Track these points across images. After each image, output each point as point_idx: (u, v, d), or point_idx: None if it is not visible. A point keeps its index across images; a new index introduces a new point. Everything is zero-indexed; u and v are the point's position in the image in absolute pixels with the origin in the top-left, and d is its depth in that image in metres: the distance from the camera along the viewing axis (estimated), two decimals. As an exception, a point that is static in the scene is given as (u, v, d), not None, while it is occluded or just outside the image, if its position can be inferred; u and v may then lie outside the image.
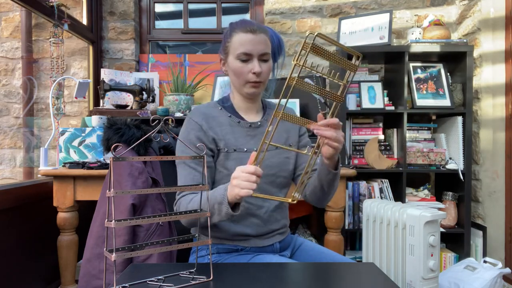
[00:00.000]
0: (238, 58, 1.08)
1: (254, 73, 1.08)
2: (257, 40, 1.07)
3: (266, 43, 1.09)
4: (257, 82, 1.10)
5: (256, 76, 1.08)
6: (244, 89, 1.12)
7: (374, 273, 0.91)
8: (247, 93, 1.13)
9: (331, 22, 2.59)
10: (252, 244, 1.13)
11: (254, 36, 1.07)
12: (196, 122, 1.12)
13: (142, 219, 0.77)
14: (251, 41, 1.07)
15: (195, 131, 1.11)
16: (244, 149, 1.13)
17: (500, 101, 2.17)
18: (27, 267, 1.69)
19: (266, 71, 1.10)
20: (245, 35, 1.07)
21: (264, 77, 1.10)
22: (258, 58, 1.08)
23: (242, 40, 1.07)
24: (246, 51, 1.07)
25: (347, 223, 2.13)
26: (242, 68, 1.09)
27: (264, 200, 1.13)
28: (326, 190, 1.12)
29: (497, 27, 2.19)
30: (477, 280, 1.69)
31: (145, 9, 2.70)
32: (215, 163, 1.12)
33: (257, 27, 1.08)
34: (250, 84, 1.10)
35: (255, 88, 1.11)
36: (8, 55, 2.52)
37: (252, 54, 1.07)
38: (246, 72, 1.09)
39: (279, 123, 1.23)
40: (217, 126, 1.13)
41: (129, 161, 1.28)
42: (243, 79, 1.10)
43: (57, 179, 1.64)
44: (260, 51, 1.07)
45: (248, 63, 1.08)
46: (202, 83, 2.50)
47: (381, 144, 2.25)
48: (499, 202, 2.16)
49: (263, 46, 1.08)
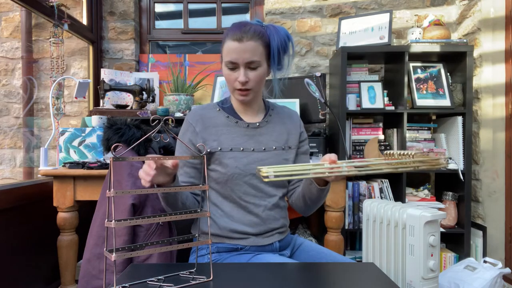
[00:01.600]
0: (226, 66, 1.10)
1: (239, 81, 1.09)
2: (243, 48, 1.06)
3: (253, 51, 1.06)
4: (243, 90, 1.10)
5: (241, 84, 1.09)
6: (234, 95, 1.15)
7: (374, 273, 0.91)
8: (237, 100, 1.15)
9: (331, 22, 2.59)
10: (251, 243, 1.13)
11: (239, 44, 1.05)
12: (190, 123, 1.15)
13: (142, 219, 0.77)
14: (236, 50, 1.06)
15: (188, 133, 1.15)
16: (241, 148, 1.14)
17: (500, 101, 2.17)
18: (27, 267, 1.69)
19: (254, 79, 1.09)
20: (232, 43, 1.06)
21: (251, 84, 1.10)
22: (245, 66, 1.08)
23: (229, 48, 1.07)
24: (232, 60, 1.07)
25: (347, 223, 2.13)
26: (229, 76, 1.10)
27: (261, 199, 1.14)
28: (309, 204, 1.15)
29: (497, 27, 2.19)
30: (477, 280, 1.69)
31: (145, 9, 2.70)
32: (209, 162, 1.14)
33: (245, 34, 1.06)
34: (237, 92, 1.12)
35: (243, 96, 1.12)
36: (8, 55, 2.52)
37: (237, 63, 1.08)
38: (233, 80, 1.10)
39: (280, 124, 1.24)
40: (212, 127, 1.15)
41: (129, 161, 1.28)
42: (231, 86, 1.12)
43: (57, 179, 1.64)
44: (245, 59, 1.07)
45: (235, 71, 1.09)
46: (202, 83, 2.50)
47: (381, 144, 2.25)
48: (499, 202, 2.16)
49: (249, 54, 1.06)
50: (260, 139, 1.17)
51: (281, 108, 1.28)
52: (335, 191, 1.74)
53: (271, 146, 1.17)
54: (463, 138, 2.15)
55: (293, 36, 2.60)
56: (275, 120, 1.22)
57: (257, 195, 1.14)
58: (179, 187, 0.89)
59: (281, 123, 1.23)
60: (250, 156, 1.13)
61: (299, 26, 2.60)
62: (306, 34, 2.59)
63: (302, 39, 2.59)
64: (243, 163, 1.12)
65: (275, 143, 1.18)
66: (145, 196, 1.35)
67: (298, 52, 2.58)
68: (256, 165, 1.13)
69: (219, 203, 1.15)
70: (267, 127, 1.20)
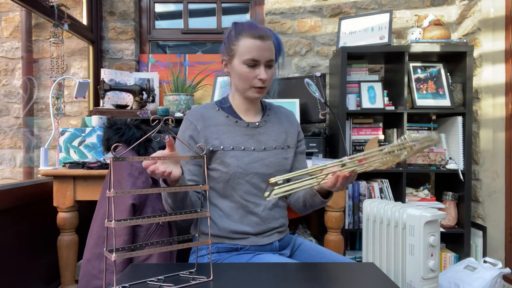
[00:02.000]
0: (245, 63, 1.10)
1: (260, 79, 1.10)
2: (265, 47, 1.09)
3: (272, 50, 1.11)
4: (262, 87, 1.13)
5: (262, 82, 1.11)
6: (248, 93, 1.15)
7: (374, 273, 0.91)
8: (251, 97, 1.16)
9: (331, 22, 2.59)
10: (251, 243, 1.13)
11: (262, 43, 1.09)
12: (191, 121, 1.15)
13: (142, 219, 0.77)
14: (259, 48, 1.08)
15: (189, 131, 1.15)
16: (242, 148, 1.14)
17: (500, 101, 2.17)
18: (27, 267, 1.69)
19: (270, 77, 1.13)
20: (254, 41, 1.08)
21: (268, 83, 1.14)
22: (265, 64, 1.11)
23: (250, 46, 1.09)
24: (255, 58, 1.09)
25: (347, 223, 2.13)
26: (248, 74, 1.11)
27: (262, 198, 1.15)
28: (308, 208, 1.18)
29: (497, 27, 2.19)
30: (477, 280, 1.69)
31: (145, 9, 2.70)
32: (210, 161, 1.14)
33: (265, 33, 1.10)
34: (255, 89, 1.13)
35: (259, 94, 1.14)
36: (8, 55, 2.52)
37: (259, 61, 1.10)
38: (252, 78, 1.11)
39: (278, 123, 1.24)
40: (213, 125, 1.15)
41: (129, 161, 1.28)
42: (249, 84, 1.12)
43: (57, 179, 1.64)
44: (267, 58, 1.10)
45: (254, 68, 1.10)
46: (202, 83, 2.50)
47: (381, 144, 2.25)
48: (499, 202, 2.16)
49: (270, 53, 1.10)
50: (260, 139, 1.17)
51: (277, 108, 1.29)
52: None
53: (270, 145, 1.18)
54: (463, 138, 2.15)
55: (293, 36, 2.60)
56: (273, 120, 1.23)
57: (258, 194, 1.15)
58: (179, 187, 0.89)
59: (279, 123, 1.24)
60: (251, 155, 1.14)
61: (299, 26, 2.60)
62: (306, 34, 2.59)
63: (302, 39, 2.59)
64: (244, 162, 1.12)
65: (274, 143, 1.19)
66: (145, 196, 1.35)
67: (298, 52, 2.58)
68: (257, 164, 1.14)
69: (218, 203, 1.15)
70: (266, 126, 1.21)
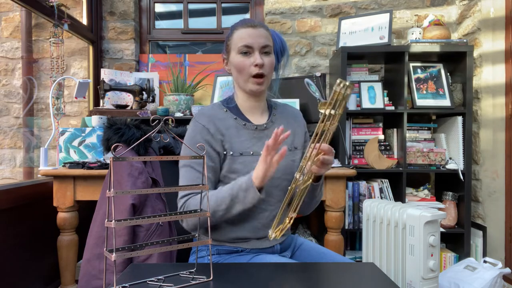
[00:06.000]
0: (239, 52, 1.08)
1: (256, 65, 1.07)
2: (257, 33, 1.08)
3: (267, 36, 1.10)
4: (259, 75, 1.08)
5: (258, 68, 1.07)
6: (248, 86, 1.11)
7: (374, 273, 0.91)
8: (251, 90, 1.11)
9: (331, 22, 2.59)
10: (252, 246, 1.12)
11: (254, 29, 1.08)
12: (203, 125, 1.10)
13: (142, 219, 0.77)
14: (251, 34, 1.08)
15: (203, 135, 1.09)
16: (251, 153, 1.11)
17: (500, 101, 2.17)
18: (27, 267, 1.69)
19: (268, 64, 1.09)
20: (245, 30, 1.08)
21: (266, 70, 1.09)
22: (260, 51, 1.08)
23: (242, 35, 1.08)
24: (247, 44, 1.07)
25: (347, 223, 2.13)
26: (243, 62, 1.08)
27: (268, 204, 1.12)
28: (306, 200, 1.14)
29: (497, 27, 2.19)
30: (477, 280, 1.69)
31: (145, 9, 2.70)
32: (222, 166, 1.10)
33: (257, 23, 1.10)
34: (253, 80, 1.09)
35: (258, 85, 1.10)
36: (8, 55, 2.52)
37: (252, 47, 1.08)
38: (248, 66, 1.08)
39: (286, 124, 1.22)
40: (224, 128, 1.11)
41: (129, 161, 1.28)
42: (246, 73, 1.09)
43: (57, 179, 1.64)
44: (261, 43, 1.08)
45: (249, 56, 1.08)
46: (202, 83, 2.50)
47: (381, 144, 2.25)
48: (499, 202, 2.16)
49: (264, 39, 1.09)
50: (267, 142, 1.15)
51: (284, 107, 1.25)
52: (335, 191, 1.74)
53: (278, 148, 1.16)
54: (463, 138, 2.15)
55: (293, 36, 2.60)
56: (280, 120, 1.19)
57: (264, 199, 1.10)
58: (179, 187, 0.89)
59: (286, 123, 1.20)
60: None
61: (299, 26, 2.60)
62: (306, 34, 2.59)
63: (302, 39, 2.59)
64: (252, 168, 1.06)
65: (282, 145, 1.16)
66: (145, 196, 1.35)
67: (298, 52, 2.58)
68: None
69: None
70: (273, 128, 1.16)
